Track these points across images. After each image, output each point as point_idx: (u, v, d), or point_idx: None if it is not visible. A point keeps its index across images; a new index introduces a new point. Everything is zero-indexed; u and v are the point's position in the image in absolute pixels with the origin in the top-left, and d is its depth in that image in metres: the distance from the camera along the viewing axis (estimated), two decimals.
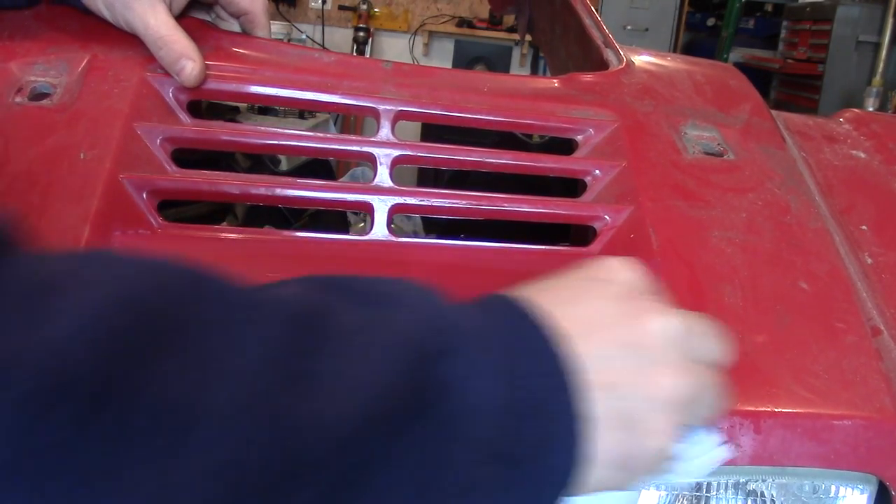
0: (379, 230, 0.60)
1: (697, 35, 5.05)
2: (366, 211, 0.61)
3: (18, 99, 0.61)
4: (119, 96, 0.61)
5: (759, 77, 4.44)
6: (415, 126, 1.31)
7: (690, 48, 4.87)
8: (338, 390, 0.30)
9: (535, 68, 4.39)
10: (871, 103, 3.81)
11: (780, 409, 0.51)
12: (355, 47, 4.24)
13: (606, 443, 0.35)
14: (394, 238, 0.60)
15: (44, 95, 0.61)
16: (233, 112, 1.02)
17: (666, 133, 0.72)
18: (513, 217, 0.64)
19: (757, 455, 0.51)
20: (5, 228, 0.30)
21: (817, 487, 0.54)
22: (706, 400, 0.38)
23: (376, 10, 4.45)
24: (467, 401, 0.32)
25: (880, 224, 0.71)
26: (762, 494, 0.54)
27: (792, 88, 4.47)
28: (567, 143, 0.73)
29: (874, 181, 0.78)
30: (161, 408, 0.27)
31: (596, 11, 1.02)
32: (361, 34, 4.24)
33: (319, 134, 0.66)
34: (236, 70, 0.67)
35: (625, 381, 0.36)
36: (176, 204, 0.78)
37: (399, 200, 0.62)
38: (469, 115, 0.68)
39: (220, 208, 0.88)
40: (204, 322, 0.30)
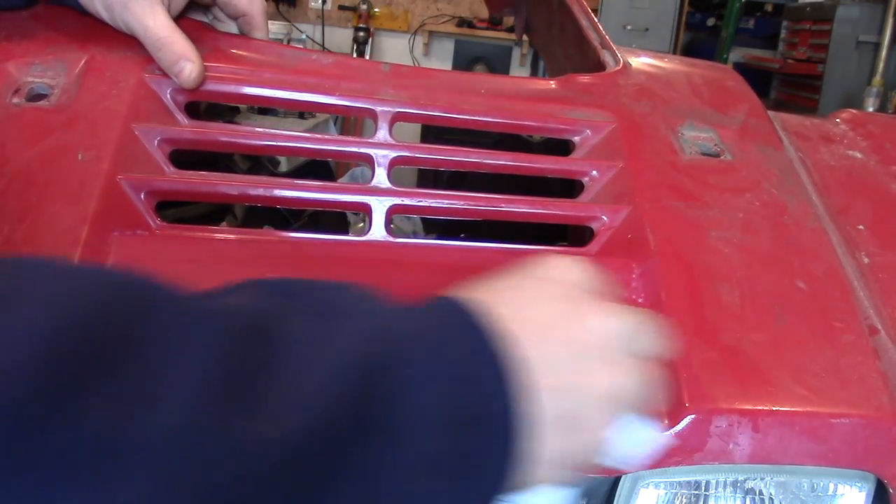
0: (377, 231, 0.60)
1: (697, 35, 5.05)
2: (364, 212, 0.62)
3: (16, 100, 0.61)
4: (117, 97, 0.61)
5: (759, 77, 4.44)
6: (414, 128, 1.31)
7: (690, 48, 4.87)
8: (281, 408, 0.30)
9: (536, 68, 4.38)
10: (871, 103, 3.81)
11: (778, 408, 0.51)
12: (355, 47, 4.24)
13: (550, 444, 0.35)
14: (392, 239, 0.60)
15: (41, 96, 0.61)
16: (232, 112, 1.02)
17: (663, 134, 0.72)
18: (510, 217, 0.64)
19: (755, 453, 0.51)
20: None
21: (815, 485, 0.54)
22: (647, 393, 0.39)
23: (376, 10, 4.45)
24: (410, 413, 0.32)
25: (877, 224, 0.71)
26: (761, 493, 0.54)
27: (792, 88, 4.47)
28: (565, 144, 0.73)
29: (871, 181, 0.78)
30: (102, 434, 0.26)
31: (595, 11, 1.03)
32: (361, 34, 4.24)
33: (318, 135, 0.66)
34: (234, 71, 0.67)
35: (569, 382, 0.36)
36: (175, 205, 0.78)
37: (397, 201, 0.62)
38: (467, 117, 0.68)
39: (220, 209, 0.88)
40: (145, 341, 0.29)
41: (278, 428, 0.29)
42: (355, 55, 4.08)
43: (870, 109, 3.69)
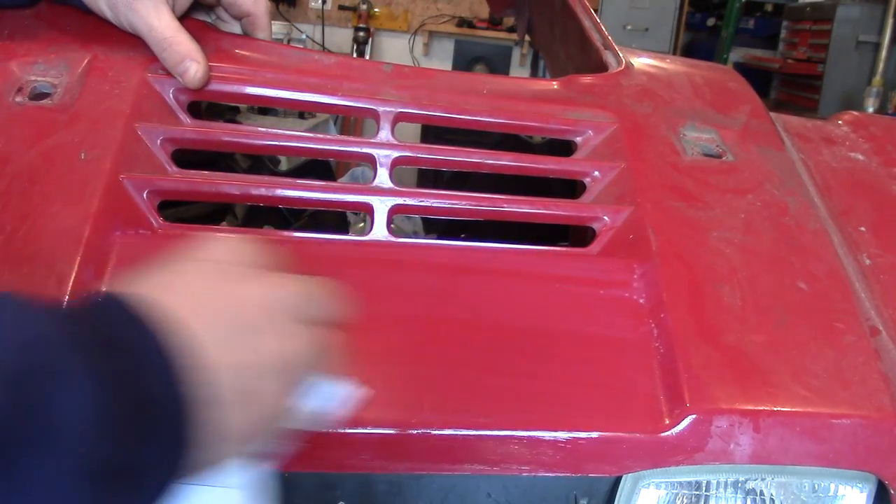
0: (379, 231, 0.61)
1: (697, 35, 5.05)
2: (365, 211, 0.62)
3: (19, 98, 0.61)
4: (119, 97, 0.62)
5: (759, 77, 4.44)
6: (415, 128, 1.31)
7: (690, 48, 4.87)
8: None
9: (536, 68, 4.38)
10: (871, 103, 3.81)
11: (780, 409, 0.51)
12: (355, 47, 4.24)
13: (230, 420, 0.36)
14: (393, 238, 0.60)
15: (44, 95, 0.61)
16: (233, 112, 1.03)
17: (665, 135, 0.72)
18: (512, 218, 0.64)
19: (756, 454, 0.51)
20: None
21: (817, 486, 0.54)
22: (321, 356, 0.41)
23: (376, 10, 4.45)
24: (68, 417, 0.31)
25: (879, 225, 0.71)
26: (761, 493, 0.54)
27: (792, 88, 4.47)
28: (567, 145, 0.73)
29: (872, 183, 0.78)
30: None
31: (596, 11, 1.03)
32: (361, 34, 4.24)
33: (319, 135, 0.66)
34: (237, 71, 0.67)
35: (240, 357, 0.37)
36: (176, 204, 0.78)
37: (399, 201, 0.62)
38: (469, 117, 0.69)
39: (221, 208, 0.88)
40: None
41: None
42: (355, 55, 4.08)
43: (870, 109, 3.69)
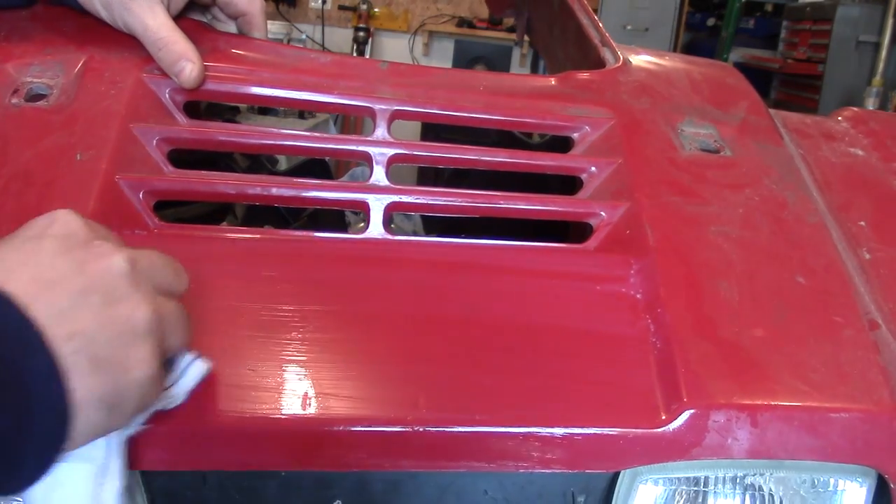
0: (375, 229, 0.60)
1: (697, 35, 5.05)
2: (362, 210, 0.62)
3: (15, 100, 0.61)
4: (115, 97, 0.61)
5: (759, 77, 4.44)
6: (414, 126, 1.31)
7: (690, 48, 4.87)
8: None
9: (536, 68, 4.38)
10: (871, 103, 3.81)
11: (778, 403, 0.51)
12: (355, 47, 4.24)
13: (87, 388, 0.36)
14: (391, 236, 0.60)
15: (40, 96, 0.61)
16: (232, 112, 1.02)
17: (662, 130, 0.72)
18: (509, 214, 0.64)
19: (754, 448, 0.51)
20: None
21: (816, 481, 0.53)
22: (174, 325, 0.42)
23: (376, 10, 4.45)
24: None
25: (878, 220, 0.71)
26: (761, 488, 0.53)
27: (792, 88, 4.47)
28: (565, 141, 0.73)
29: (872, 178, 0.78)
30: None
31: (595, 11, 1.03)
32: (361, 34, 4.24)
33: (315, 134, 0.66)
34: (233, 71, 0.67)
35: (88, 326, 0.37)
36: (175, 204, 0.78)
37: (395, 199, 0.62)
38: (465, 114, 0.68)
39: (220, 208, 0.88)
40: None
41: None
42: (355, 55, 4.08)
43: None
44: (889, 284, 0.64)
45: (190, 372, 0.46)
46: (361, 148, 0.65)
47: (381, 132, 0.66)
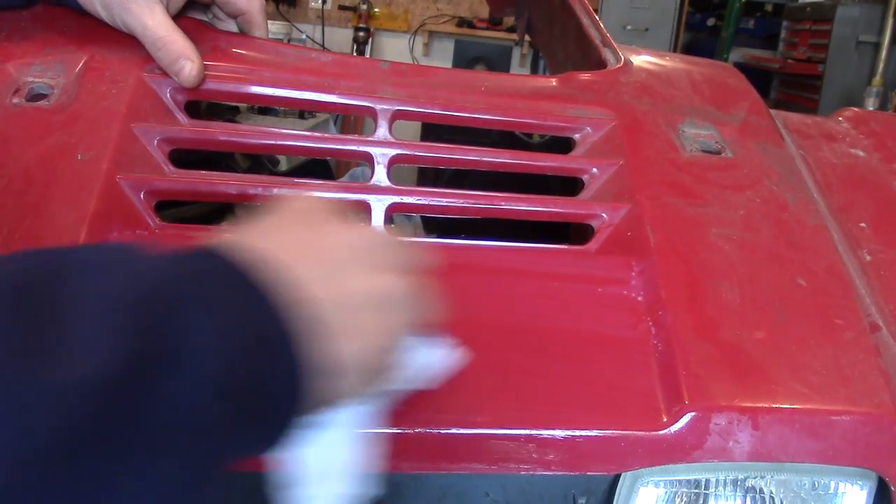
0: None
1: (697, 35, 5.05)
2: (363, 210, 0.61)
3: (16, 100, 0.61)
4: (116, 97, 0.61)
5: (759, 77, 4.43)
6: (415, 126, 1.30)
7: (690, 48, 4.87)
8: (67, 359, 0.31)
9: (536, 68, 4.38)
10: (871, 103, 3.81)
11: (779, 406, 0.51)
12: (355, 47, 4.24)
13: (335, 351, 0.38)
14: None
15: (41, 96, 0.61)
16: (232, 112, 1.02)
17: (664, 131, 0.72)
18: (510, 216, 0.64)
19: (755, 451, 0.51)
20: None
21: (816, 484, 0.53)
22: (404, 302, 0.43)
23: (376, 10, 4.45)
24: (195, 340, 0.33)
25: (879, 221, 0.71)
26: (761, 491, 0.53)
27: (792, 88, 4.46)
28: (566, 142, 0.73)
29: (873, 179, 0.78)
30: None
31: (596, 11, 1.03)
32: (361, 34, 4.24)
33: (317, 134, 0.66)
34: (234, 70, 0.67)
35: (337, 293, 0.39)
36: (176, 204, 0.78)
37: (396, 199, 0.62)
38: (466, 115, 0.68)
39: (221, 208, 0.88)
40: None
41: (68, 377, 0.30)
42: (355, 55, 4.08)
43: (870, 109, 3.69)
44: (890, 286, 0.64)
45: (437, 355, 0.46)
46: (363, 148, 0.65)
47: (383, 132, 0.66)
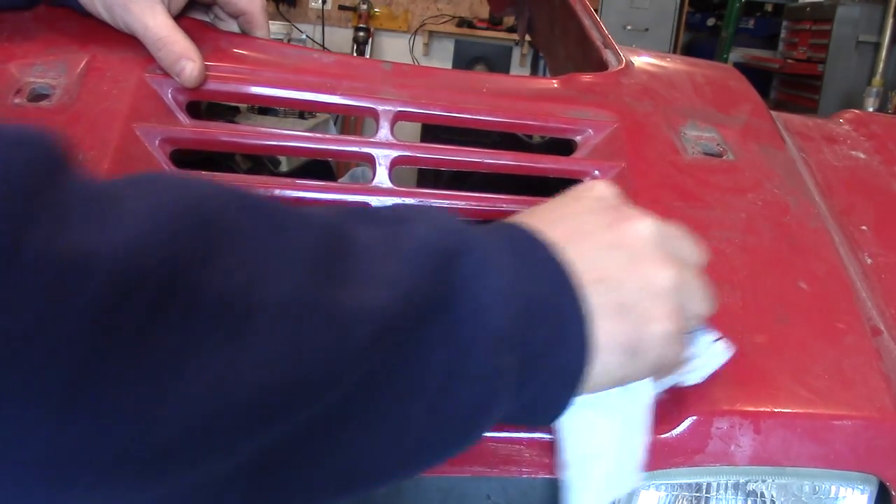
0: None
1: (697, 35, 5.05)
2: None
3: (17, 100, 0.61)
4: (118, 97, 0.61)
5: (759, 77, 4.44)
6: (414, 127, 1.30)
7: (690, 48, 4.87)
8: (373, 286, 0.33)
9: (536, 68, 4.39)
10: (871, 103, 3.81)
11: (780, 410, 0.51)
12: (355, 47, 4.24)
13: (607, 330, 0.39)
14: None
15: (43, 96, 0.61)
16: (232, 112, 1.02)
17: (665, 133, 0.72)
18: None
19: (757, 455, 0.51)
20: (61, 154, 0.32)
21: (817, 488, 0.53)
22: (693, 293, 0.44)
23: (376, 10, 4.45)
24: (485, 297, 0.36)
25: (880, 225, 0.71)
26: (762, 495, 0.53)
27: (792, 88, 4.47)
28: (567, 144, 0.73)
29: (874, 182, 0.78)
30: (221, 302, 0.29)
31: (596, 11, 1.02)
32: (361, 34, 4.24)
33: (318, 135, 0.66)
34: (235, 70, 0.66)
35: (614, 276, 0.41)
36: None
37: (398, 201, 0.62)
38: (468, 116, 0.68)
39: None
40: (248, 229, 0.32)
41: (374, 300, 0.33)
42: (355, 55, 4.08)
43: (870, 109, 3.69)
44: (891, 290, 0.64)
45: (713, 351, 0.46)
46: (364, 149, 0.65)
47: (385, 133, 0.66)
